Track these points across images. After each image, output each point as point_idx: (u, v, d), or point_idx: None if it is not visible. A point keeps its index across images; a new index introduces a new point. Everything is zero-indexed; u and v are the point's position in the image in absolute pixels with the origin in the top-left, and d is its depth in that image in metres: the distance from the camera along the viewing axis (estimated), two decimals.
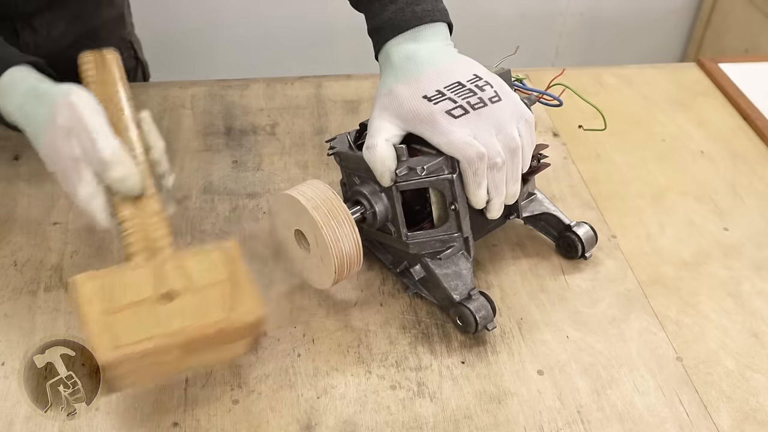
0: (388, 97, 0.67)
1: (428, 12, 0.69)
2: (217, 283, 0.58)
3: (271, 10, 1.95)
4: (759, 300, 0.74)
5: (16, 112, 0.64)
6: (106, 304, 0.55)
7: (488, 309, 0.67)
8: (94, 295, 0.55)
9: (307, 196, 0.64)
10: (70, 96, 0.61)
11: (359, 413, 0.62)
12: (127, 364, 0.54)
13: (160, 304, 0.56)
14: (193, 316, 0.56)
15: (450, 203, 0.67)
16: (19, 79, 0.64)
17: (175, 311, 0.56)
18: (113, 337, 0.54)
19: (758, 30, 1.90)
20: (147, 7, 1.84)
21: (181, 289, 0.57)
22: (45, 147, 0.62)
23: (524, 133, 0.68)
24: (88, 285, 0.56)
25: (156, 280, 0.57)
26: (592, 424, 0.62)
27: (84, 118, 0.60)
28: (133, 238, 0.60)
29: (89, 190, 0.61)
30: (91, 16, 0.96)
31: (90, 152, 0.60)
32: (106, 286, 0.56)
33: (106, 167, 0.60)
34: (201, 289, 0.58)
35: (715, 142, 0.97)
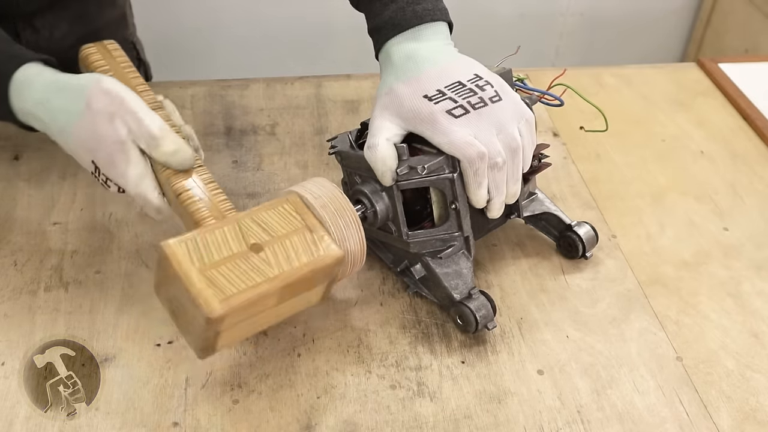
0: (388, 97, 0.67)
1: (429, 11, 0.69)
2: (295, 230, 0.61)
3: (271, 9, 1.95)
4: (759, 300, 0.74)
5: (36, 108, 0.63)
6: (202, 262, 0.57)
7: (488, 308, 0.67)
8: (189, 256, 0.57)
9: (314, 195, 0.64)
10: (102, 82, 0.62)
11: (359, 413, 0.62)
12: (236, 315, 0.56)
13: (252, 255, 0.59)
14: (285, 261, 0.59)
15: (451, 202, 0.67)
16: (34, 75, 0.63)
17: (267, 259, 0.59)
18: (219, 291, 0.56)
19: (758, 30, 1.90)
20: (147, 8, 1.84)
21: (265, 239, 0.60)
22: (80, 137, 0.62)
23: (525, 132, 0.68)
24: (180, 247, 0.57)
25: (240, 234, 0.60)
26: (592, 424, 0.62)
27: (126, 100, 0.61)
28: (198, 206, 0.62)
29: (139, 170, 0.62)
30: (94, 16, 0.96)
31: (138, 131, 0.61)
32: (197, 247, 0.58)
33: (158, 143, 0.61)
34: (283, 237, 0.60)
35: (715, 142, 0.97)
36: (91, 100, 0.61)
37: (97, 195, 0.82)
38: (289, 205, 0.63)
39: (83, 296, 0.71)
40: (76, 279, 0.72)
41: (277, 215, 0.62)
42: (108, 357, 0.65)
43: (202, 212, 0.62)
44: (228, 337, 0.59)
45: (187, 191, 0.62)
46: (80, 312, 0.69)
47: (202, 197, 0.62)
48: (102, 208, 0.81)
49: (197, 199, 0.62)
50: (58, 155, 0.87)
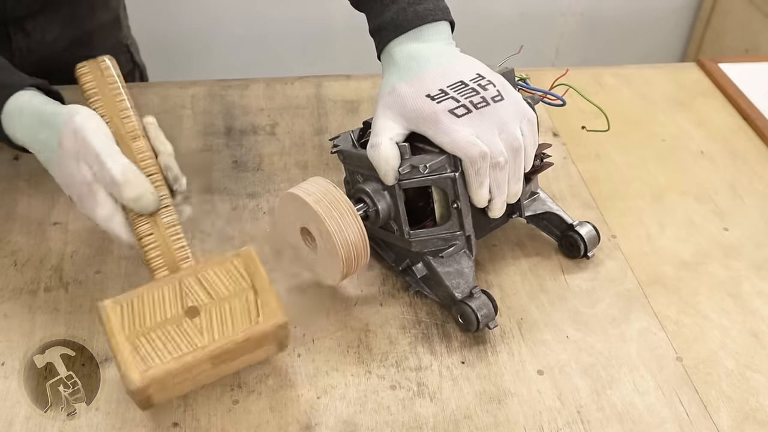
0: (391, 96, 0.67)
1: (430, 11, 0.69)
2: (239, 291, 0.59)
3: (271, 10, 1.95)
4: (759, 300, 0.74)
5: (25, 139, 0.63)
6: (134, 327, 0.56)
7: (490, 307, 0.67)
8: (122, 320, 0.57)
9: (308, 192, 0.64)
10: (73, 119, 0.61)
11: (359, 413, 0.62)
12: (159, 383, 0.55)
13: (186, 320, 0.57)
14: (219, 328, 0.57)
15: (452, 201, 0.67)
16: (24, 103, 0.63)
17: (201, 326, 0.57)
18: (143, 361, 0.55)
19: (758, 30, 1.90)
20: (147, 8, 1.85)
21: (205, 301, 0.58)
22: (57, 173, 0.62)
23: (527, 132, 0.68)
24: (115, 311, 0.57)
25: (180, 296, 0.58)
26: (592, 424, 0.62)
27: (89, 141, 0.60)
28: (154, 254, 0.61)
29: (107, 210, 0.61)
30: (86, 19, 0.95)
31: (99, 175, 0.60)
32: (133, 309, 0.57)
33: (119, 189, 0.60)
34: (224, 299, 0.59)
35: (715, 142, 0.97)
36: (62, 139, 0.61)
37: None
38: (239, 261, 0.61)
39: (83, 296, 0.71)
40: (76, 279, 0.72)
41: (224, 274, 0.60)
42: (108, 357, 0.65)
43: (156, 261, 0.61)
44: (163, 396, 0.59)
45: (147, 236, 0.61)
46: (80, 312, 0.69)
47: (160, 244, 0.61)
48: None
49: (154, 247, 0.61)
50: None
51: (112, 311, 0.57)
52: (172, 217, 0.63)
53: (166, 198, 0.63)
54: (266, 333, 0.58)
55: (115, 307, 0.57)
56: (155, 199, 0.61)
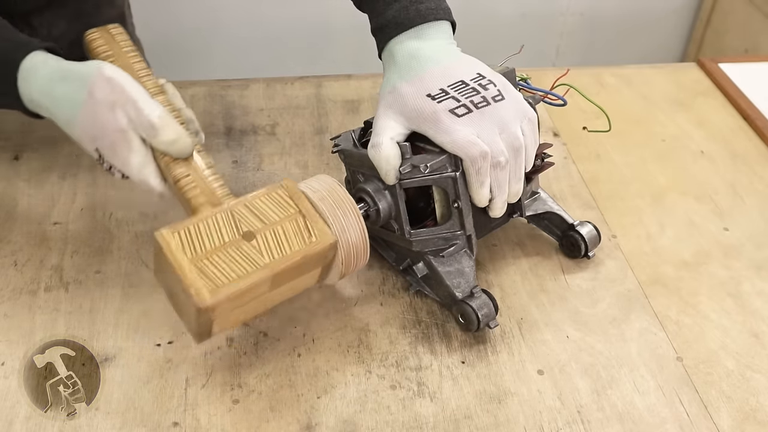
0: (392, 96, 0.67)
1: (432, 10, 0.69)
2: (288, 216, 0.61)
3: (271, 10, 1.95)
4: (759, 300, 0.74)
5: (41, 97, 0.63)
6: (195, 252, 0.58)
7: (490, 307, 0.67)
8: (181, 246, 0.58)
9: (313, 189, 0.64)
10: (103, 70, 0.62)
11: (359, 413, 0.62)
12: (226, 304, 0.57)
13: (244, 243, 0.59)
14: (276, 248, 0.59)
15: (453, 201, 0.67)
16: (40, 63, 0.63)
17: (259, 247, 0.59)
18: (210, 281, 0.56)
19: (758, 30, 1.90)
20: (147, 7, 1.84)
21: (258, 226, 0.60)
22: (84, 125, 0.62)
23: (527, 131, 0.68)
24: (173, 237, 0.58)
25: (233, 222, 0.60)
26: (592, 424, 0.62)
27: (126, 89, 0.61)
28: (195, 192, 0.62)
29: (140, 157, 0.62)
30: (91, 15, 0.96)
31: (137, 121, 0.61)
32: (190, 236, 0.58)
33: (157, 132, 0.61)
34: (276, 223, 0.61)
35: (715, 142, 0.97)
36: (93, 89, 0.61)
37: (97, 195, 0.82)
38: (283, 190, 0.63)
39: (83, 296, 0.71)
40: (76, 279, 0.72)
41: (271, 201, 0.62)
42: (108, 357, 0.65)
43: (198, 199, 0.62)
44: (223, 322, 0.60)
45: (185, 177, 0.63)
46: (80, 312, 0.69)
47: (199, 184, 0.63)
48: (102, 208, 0.81)
49: (194, 186, 0.63)
50: (58, 155, 0.87)
51: (171, 237, 0.58)
52: (206, 160, 0.65)
53: (198, 144, 0.65)
54: (320, 252, 0.61)
55: (172, 233, 0.58)
56: (191, 142, 0.63)
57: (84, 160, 0.86)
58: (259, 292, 0.59)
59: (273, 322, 0.69)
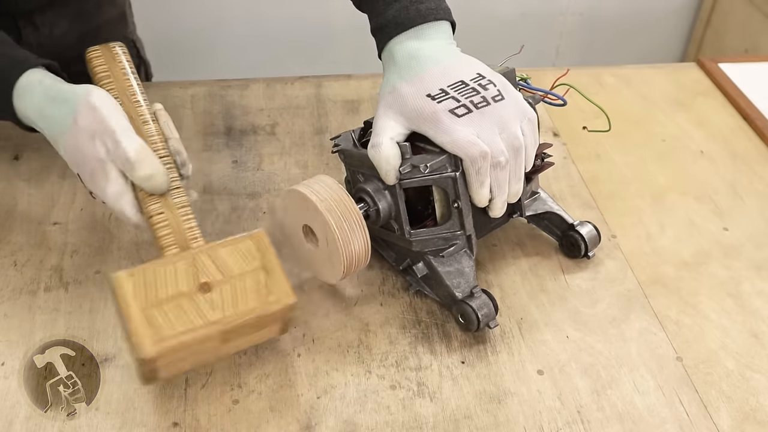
0: (392, 96, 0.67)
1: (432, 10, 0.69)
2: (250, 271, 0.60)
3: (271, 10, 1.95)
4: (759, 300, 0.74)
5: (35, 116, 0.64)
6: (147, 298, 0.57)
7: (490, 307, 0.67)
8: (134, 291, 0.57)
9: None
10: (90, 97, 0.62)
11: (359, 413, 0.62)
12: (170, 355, 0.56)
13: (199, 295, 0.58)
14: (231, 305, 0.58)
15: (453, 201, 0.67)
16: (36, 82, 0.64)
17: (213, 301, 0.58)
18: (156, 331, 0.55)
19: (758, 30, 1.90)
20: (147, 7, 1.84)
21: (217, 278, 0.59)
22: (68, 149, 0.63)
23: (527, 131, 0.68)
24: (128, 281, 0.57)
25: (192, 271, 0.59)
26: (592, 424, 0.62)
27: (106, 120, 0.61)
28: (164, 231, 0.62)
29: (117, 188, 0.62)
30: (93, 14, 0.96)
31: (114, 153, 0.61)
32: (146, 281, 0.58)
33: (132, 167, 0.61)
34: (236, 277, 0.59)
35: (715, 142, 0.97)
36: (77, 116, 0.61)
37: None
38: (251, 242, 0.61)
39: (83, 296, 0.71)
40: (76, 279, 0.72)
41: (236, 253, 0.61)
42: (108, 357, 0.65)
43: (167, 239, 0.61)
44: (171, 369, 0.59)
45: (157, 215, 0.62)
46: (80, 312, 0.69)
47: (171, 223, 0.62)
48: (102, 208, 0.81)
49: (165, 224, 0.62)
50: (58, 155, 0.87)
51: (126, 281, 0.57)
52: (182, 198, 0.64)
53: (176, 180, 0.64)
54: (276, 312, 0.59)
55: (128, 278, 0.57)
56: (167, 179, 0.62)
57: None
58: (208, 345, 0.58)
59: None
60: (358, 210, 0.65)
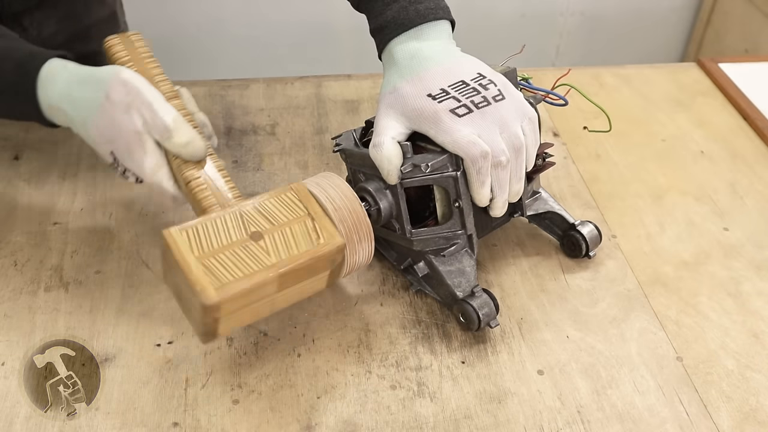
0: (393, 95, 0.68)
1: (431, 10, 0.69)
2: (297, 218, 0.62)
3: (271, 10, 1.95)
4: (759, 300, 0.74)
5: (61, 101, 0.64)
6: (202, 250, 0.58)
7: (491, 306, 0.67)
8: (189, 244, 0.58)
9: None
10: (120, 74, 0.63)
11: (359, 413, 0.62)
12: (232, 303, 0.57)
13: (251, 243, 0.59)
14: (284, 249, 0.59)
15: (454, 200, 0.67)
16: (59, 68, 0.65)
17: (267, 247, 0.59)
18: (216, 278, 0.56)
19: (758, 30, 1.90)
20: (147, 7, 1.85)
21: (267, 227, 0.60)
22: (100, 127, 0.63)
23: (528, 131, 0.68)
24: (182, 234, 0.58)
25: (242, 223, 0.60)
26: (592, 424, 0.62)
27: (142, 92, 0.63)
28: (206, 193, 0.63)
29: (155, 160, 0.63)
30: (82, 15, 0.96)
31: (152, 123, 0.62)
32: (198, 235, 0.59)
33: (171, 134, 0.63)
34: (284, 224, 0.61)
35: (715, 142, 0.97)
36: (110, 92, 0.62)
37: (97, 195, 0.82)
38: (292, 193, 0.63)
39: (83, 296, 0.71)
40: (76, 279, 0.72)
41: (280, 203, 0.62)
42: (108, 357, 0.65)
43: (209, 200, 0.63)
44: (229, 322, 0.60)
45: (196, 179, 0.64)
46: (80, 312, 0.69)
47: (209, 186, 0.64)
48: (102, 208, 0.81)
49: (205, 187, 0.64)
50: (58, 155, 0.87)
51: (180, 234, 0.58)
52: (218, 162, 0.66)
53: (210, 147, 0.66)
54: (327, 254, 0.61)
55: (181, 232, 0.58)
56: (204, 145, 0.64)
57: (84, 160, 0.86)
58: (265, 293, 0.59)
59: (273, 322, 0.69)
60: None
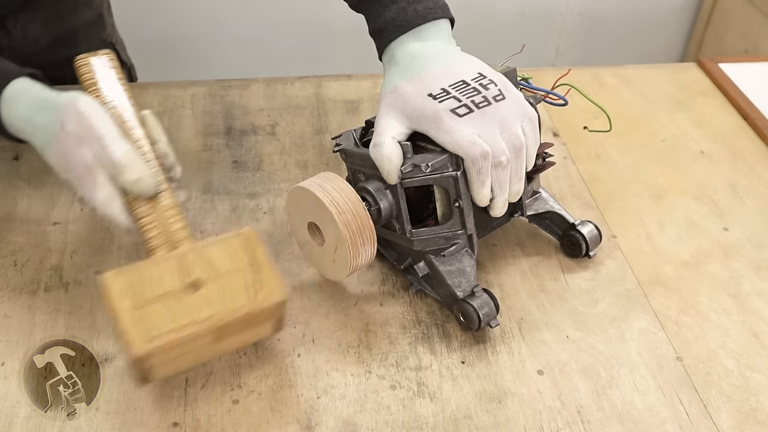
0: (393, 95, 0.68)
1: (430, 10, 0.69)
2: (239, 268, 0.60)
3: (271, 10, 1.95)
4: (759, 300, 0.74)
5: (22, 124, 0.64)
6: (135, 298, 0.57)
7: (491, 306, 0.67)
8: (123, 291, 0.57)
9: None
10: (76, 103, 0.62)
11: (359, 413, 0.62)
12: (161, 355, 0.56)
13: (188, 293, 0.58)
14: (220, 302, 0.58)
15: (454, 200, 0.67)
16: (21, 91, 0.64)
17: (202, 299, 0.58)
18: (146, 330, 0.55)
19: (758, 30, 1.90)
20: (148, 7, 1.85)
21: (205, 277, 0.59)
22: (56, 155, 0.62)
23: (528, 131, 0.68)
24: (116, 282, 0.57)
25: (181, 271, 0.59)
26: (592, 424, 0.62)
27: (93, 125, 0.61)
28: (152, 233, 0.62)
29: (106, 193, 0.61)
30: (68, 18, 0.95)
31: (102, 158, 0.61)
32: (134, 281, 0.57)
33: (120, 171, 0.61)
34: (225, 275, 0.59)
35: (715, 142, 0.97)
36: (64, 122, 0.61)
37: None
38: (239, 240, 0.61)
39: (83, 296, 0.71)
40: (76, 279, 0.72)
41: (224, 251, 0.60)
42: (108, 357, 0.65)
43: (156, 240, 0.61)
44: (164, 369, 0.59)
45: (145, 218, 0.62)
46: (80, 312, 0.69)
47: (159, 224, 0.62)
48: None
49: (153, 226, 0.62)
50: None
51: (113, 281, 0.57)
52: (170, 200, 0.63)
53: (164, 183, 0.64)
54: (266, 309, 0.59)
55: (115, 277, 0.57)
56: (154, 182, 0.63)
57: None
58: (200, 344, 0.58)
59: None
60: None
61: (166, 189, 0.64)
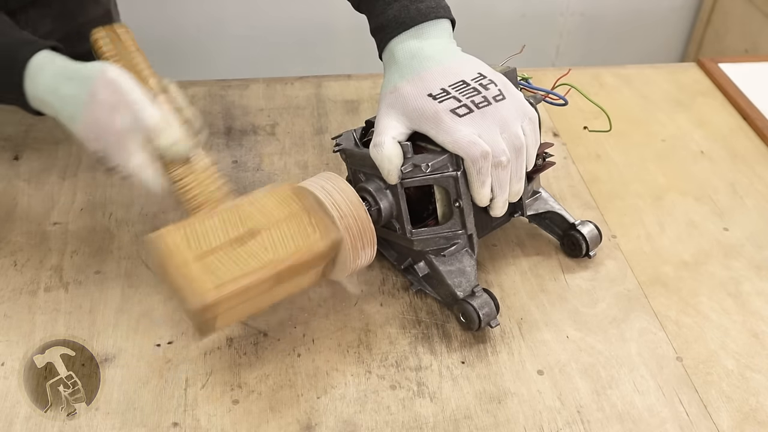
0: (393, 95, 0.68)
1: (432, 9, 0.69)
2: (294, 213, 0.61)
3: (271, 10, 1.95)
4: (759, 300, 0.74)
5: (46, 95, 0.64)
6: (196, 250, 0.57)
7: (491, 306, 0.67)
8: (183, 244, 0.58)
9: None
10: (106, 73, 0.62)
11: (359, 413, 0.62)
12: (229, 301, 0.56)
13: (246, 241, 0.59)
14: (281, 245, 0.59)
15: (454, 200, 0.67)
16: (47, 61, 0.64)
17: (262, 245, 0.59)
18: (214, 278, 0.56)
19: (758, 30, 1.90)
20: (147, 8, 1.85)
21: (262, 224, 0.60)
22: (86, 125, 0.63)
23: (528, 131, 0.68)
24: (174, 236, 0.58)
25: (235, 221, 0.60)
26: (592, 424, 0.62)
27: (127, 92, 0.62)
28: (194, 192, 0.63)
29: (140, 159, 0.62)
30: (77, 14, 0.96)
31: (137, 123, 0.62)
32: (189, 235, 0.58)
33: (156, 135, 0.62)
34: (281, 220, 0.61)
35: (715, 142, 0.97)
36: (95, 91, 0.62)
37: (97, 195, 0.82)
38: (287, 188, 0.63)
39: (83, 296, 0.71)
40: (76, 279, 0.72)
41: (276, 199, 0.62)
42: (108, 357, 0.65)
43: (198, 199, 0.63)
44: (226, 318, 0.60)
45: (184, 179, 0.63)
46: (80, 312, 0.69)
47: (198, 184, 0.63)
48: (102, 208, 0.81)
49: (193, 186, 0.63)
50: (58, 155, 0.87)
51: (174, 234, 0.58)
52: (205, 161, 0.65)
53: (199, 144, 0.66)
54: (324, 249, 0.61)
55: (173, 233, 0.58)
56: (188, 145, 0.64)
57: (84, 160, 0.86)
58: (262, 289, 0.59)
59: (273, 322, 0.69)
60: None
61: (201, 150, 0.65)
